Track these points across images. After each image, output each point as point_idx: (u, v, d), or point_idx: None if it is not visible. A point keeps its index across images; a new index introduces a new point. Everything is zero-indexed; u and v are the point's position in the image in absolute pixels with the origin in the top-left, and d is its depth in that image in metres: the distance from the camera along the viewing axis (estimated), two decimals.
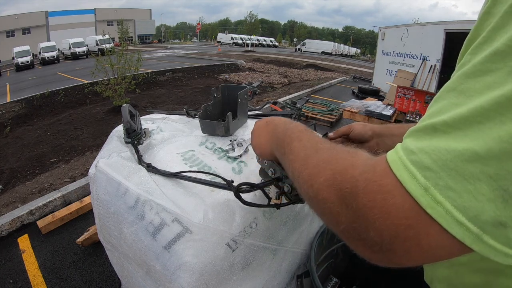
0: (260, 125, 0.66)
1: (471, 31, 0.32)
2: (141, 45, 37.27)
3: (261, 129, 0.65)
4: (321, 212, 0.36)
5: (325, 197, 0.33)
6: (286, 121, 0.57)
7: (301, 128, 0.50)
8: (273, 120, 0.63)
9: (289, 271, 0.89)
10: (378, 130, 0.74)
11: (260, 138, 0.64)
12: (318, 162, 0.37)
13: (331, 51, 39.48)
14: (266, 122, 0.64)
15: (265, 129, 0.63)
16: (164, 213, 0.74)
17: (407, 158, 0.28)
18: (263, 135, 0.63)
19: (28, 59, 20.15)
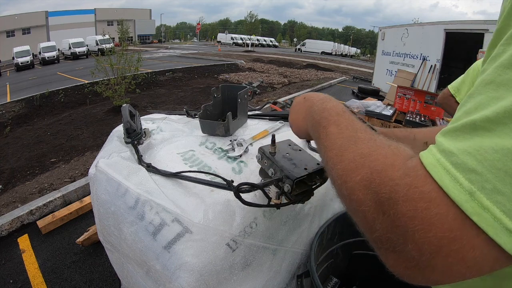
0: (299, 101, 0.60)
1: (500, 21, 0.29)
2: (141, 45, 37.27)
3: (299, 105, 0.59)
4: (354, 213, 0.33)
5: (360, 199, 0.30)
6: (325, 99, 0.51)
7: (340, 109, 0.45)
8: (311, 96, 0.57)
9: (289, 271, 0.89)
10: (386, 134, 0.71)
11: (297, 115, 0.59)
12: (355, 156, 0.34)
13: (331, 51, 39.48)
14: (304, 98, 0.59)
15: (303, 106, 0.57)
16: (164, 213, 0.74)
17: (447, 160, 0.25)
18: (301, 112, 0.58)
19: (28, 59, 20.15)
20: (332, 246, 1.09)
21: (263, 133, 1.12)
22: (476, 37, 4.96)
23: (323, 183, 0.76)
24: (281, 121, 1.24)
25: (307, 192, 0.72)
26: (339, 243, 1.11)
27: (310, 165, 0.73)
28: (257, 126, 1.20)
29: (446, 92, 1.58)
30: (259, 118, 1.30)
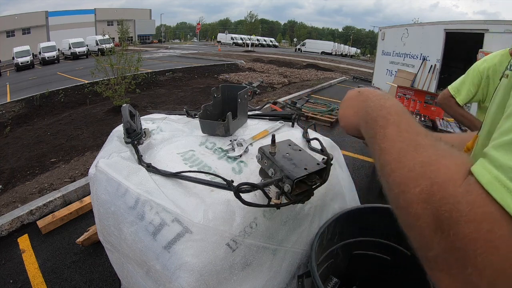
0: (352, 95, 0.56)
1: None
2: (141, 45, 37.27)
3: (352, 99, 0.55)
4: (409, 227, 0.31)
5: (418, 213, 0.28)
6: (382, 95, 0.48)
7: (400, 109, 0.42)
8: (366, 90, 0.53)
9: (289, 271, 0.89)
10: None
11: (349, 109, 0.55)
12: (415, 164, 0.31)
13: (331, 51, 39.48)
14: (359, 92, 0.55)
15: (356, 100, 0.54)
16: (164, 213, 0.74)
17: (506, 176, 0.23)
18: (353, 106, 0.54)
19: (28, 59, 20.15)
20: (332, 246, 1.09)
21: (263, 133, 1.12)
22: (476, 37, 4.96)
23: (323, 183, 0.76)
24: (281, 121, 1.24)
25: (307, 192, 0.72)
26: (339, 243, 1.11)
27: (310, 165, 0.73)
28: (257, 126, 1.20)
29: (446, 93, 1.57)
30: (259, 118, 1.30)
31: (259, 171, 0.80)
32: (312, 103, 6.16)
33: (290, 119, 1.24)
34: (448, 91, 1.56)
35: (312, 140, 1.07)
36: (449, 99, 1.54)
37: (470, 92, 1.47)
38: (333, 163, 0.83)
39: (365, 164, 3.60)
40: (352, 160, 3.62)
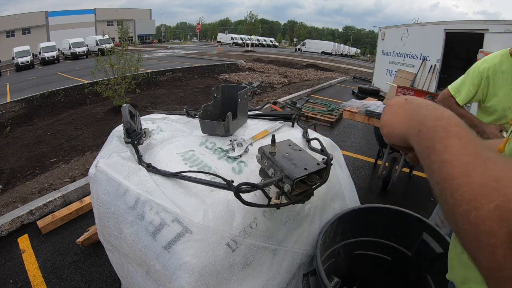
0: (398, 102, 0.54)
1: None
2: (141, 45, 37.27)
3: (399, 106, 0.53)
4: (478, 245, 0.29)
5: (492, 230, 0.27)
6: (435, 106, 0.46)
7: (459, 121, 0.40)
8: (415, 99, 0.51)
9: (289, 271, 0.89)
10: None
11: (395, 116, 0.52)
12: (488, 179, 0.30)
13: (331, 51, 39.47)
14: (406, 100, 0.53)
15: (404, 107, 0.51)
16: (164, 213, 0.74)
17: None
18: (400, 113, 0.51)
19: (28, 59, 20.14)
20: (334, 246, 1.09)
21: (263, 133, 1.12)
22: (476, 37, 4.96)
23: (323, 183, 0.76)
24: (281, 121, 1.24)
25: (307, 192, 0.72)
26: (341, 242, 1.11)
27: (310, 165, 0.73)
28: (257, 126, 1.20)
29: (446, 93, 1.57)
30: (259, 118, 1.30)
31: (259, 171, 0.80)
32: (312, 103, 6.16)
33: (290, 119, 1.24)
34: (448, 91, 1.56)
35: (312, 140, 1.07)
36: (449, 99, 1.54)
37: (470, 92, 1.47)
38: (333, 163, 0.83)
39: (365, 164, 3.60)
40: (352, 160, 3.62)
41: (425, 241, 1.06)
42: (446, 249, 1.00)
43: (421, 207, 2.67)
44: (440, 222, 1.93)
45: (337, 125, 5.17)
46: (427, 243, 1.05)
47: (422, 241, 1.07)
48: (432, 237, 1.05)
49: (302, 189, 0.70)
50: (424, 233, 1.07)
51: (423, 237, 1.07)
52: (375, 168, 3.42)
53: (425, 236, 1.06)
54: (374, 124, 2.76)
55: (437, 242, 1.03)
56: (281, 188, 0.69)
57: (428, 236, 1.06)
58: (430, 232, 1.06)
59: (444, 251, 1.00)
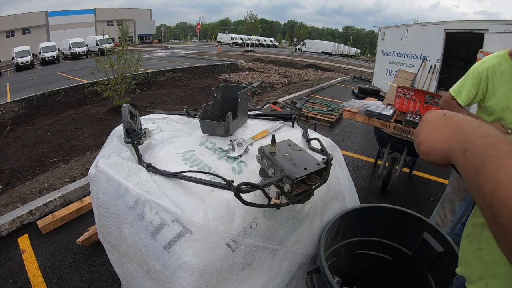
0: (437, 118, 0.52)
1: None
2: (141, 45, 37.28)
3: (438, 123, 0.51)
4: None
5: None
6: (479, 123, 0.44)
7: (506, 138, 0.39)
8: (454, 114, 0.50)
9: (289, 271, 0.89)
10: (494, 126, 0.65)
11: (436, 134, 0.50)
12: None
13: (331, 51, 39.45)
14: (445, 116, 0.51)
15: (444, 124, 0.50)
16: (164, 213, 0.74)
17: None
18: (441, 131, 0.49)
19: (28, 59, 20.14)
20: (335, 245, 1.09)
21: (263, 133, 1.12)
22: (476, 37, 4.96)
23: (323, 183, 0.76)
24: (281, 121, 1.24)
25: (307, 192, 0.72)
26: (342, 242, 1.11)
27: (310, 165, 0.73)
28: (257, 126, 1.20)
29: (447, 96, 1.59)
30: (259, 118, 1.30)
31: (259, 171, 0.80)
32: (312, 103, 6.16)
33: (290, 119, 1.24)
34: (449, 94, 1.57)
35: (312, 140, 1.07)
36: (451, 102, 1.55)
37: (471, 92, 1.48)
38: (333, 163, 0.83)
39: (365, 164, 3.60)
40: (352, 160, 3.62)
41: (426, 241, 1.06)
42: (446, 248, 1.00)
43: (421, 207, 2.67)
44: (440, 221, 1.93)
45: (337, 125, 5.17)
46: (428, 242, 1.05)
47: (423, 240, 1.07)
48: (433, 236, 1.05)
49: (302, 189, 0.70)
50: (424, 232, 1.07)
51: (424, 237, 1.07)
52: (375, 168, 3.42)
53: (426, 235, 1.06)
54: (374, 124, 2.76)
55: (437, 241, 1.03)
56: (281, 188, 0.69)
57: (428, 235, 1.06)
58: (431, 232, 1.06)
59: (444, 250, 1.00)
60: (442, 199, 1.95)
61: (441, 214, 1.94)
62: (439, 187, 3.02)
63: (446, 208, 1.90)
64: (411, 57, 6.94)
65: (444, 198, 1.92)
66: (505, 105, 1.38)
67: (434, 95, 2.90)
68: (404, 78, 6.71)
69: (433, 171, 3.35)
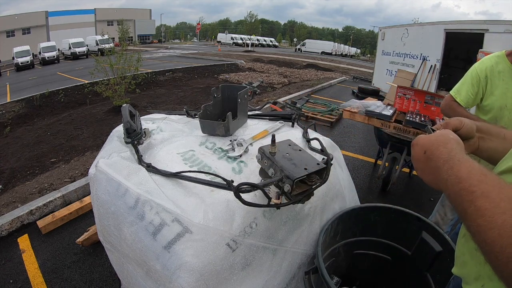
0: (420, 158, 0.52)
1: None
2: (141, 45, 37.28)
3: (423, 164, 0.52)
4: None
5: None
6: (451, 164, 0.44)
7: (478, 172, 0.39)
8: (432, 154, 0.49)
9: (289, 271, 0.89)
10: (479, 125, 0.65)
11: (426, 175, 0.52)
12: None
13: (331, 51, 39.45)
14: (425, 154, 0.51)
15: (428, 166, 0.50)
16: (164, 213, 0.74)
17: None
18: (428, 172, 0.51)
19: (28, 59, 20.14)
20: (334, 245, 1.09)
21: (263, 133, 1.12)
22: (476, 37, 4.96)
23: (323, 183, 0.76)
24: (281, 121, 1.24)
25: (307, 192, 0.72)
26: (341, 241, 1.11)
27: (310, 165, 0.73)
28: (257, 126, 1.20)
29: (448, 98, 1.61)
30: (259, 118, 1.30)
31: (259, 171, 0.80)
32: (312, 103, 6.16)
33: (290, 119, 1.25)
34: (450, 95, 1.59)
35: (312, 140, 1.07)
36: (452, 103, 1.58)
37: (470, 92, 1.50)
38: (333, 163, 0.83)
39: (365, 164, 3.60)
40: (352, 160, 3.62)
41: (425, 240, 1.06)
42: (445, 247, 1.00)
43: (421, 207, 2.67)
44: (440, 220, 1.93)
45: (337, 125, 5.17)
46: (427, 242, 1.05)
47: (422, 240, 1.07)
48: (432, 236, 1.05)
49: (302, 189, 0.70)
50: (423, 232, 1.07)
51: (423, 236, 1.07)
52: (375, 168, 3.42)
53: (425, 235, 1.07)
54: (374, 124, 2.76)
55: (436, 241, 1.03)
56: (281, 188, 0.69)
57: (427, 235, 1.06)
58: (430, 231, 1.06)
59: (443, 250, 1.00)
60: (442, 197, 1.95)
61: (441, 212, 1.94)
62: None
63: (446, 206, 1.90)
64: (411, 57, 6.94)
65: (444, 196, 1.92)
66: (502, 104, 1.41)
67: (434, 95, 2.90)
68: (404, 78, 6.71)
69: None
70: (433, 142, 0.51)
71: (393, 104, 3.11)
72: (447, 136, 0.51)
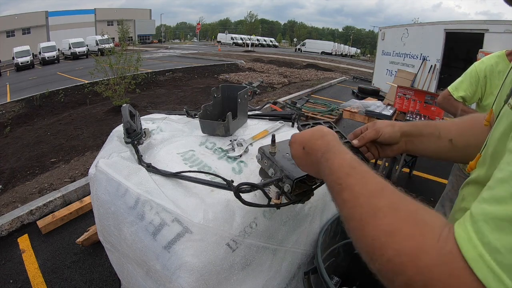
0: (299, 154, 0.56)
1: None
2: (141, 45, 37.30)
3: (302, 160, 0.55)
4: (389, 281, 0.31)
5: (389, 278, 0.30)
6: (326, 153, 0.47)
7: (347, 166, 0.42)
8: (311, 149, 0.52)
9: (289, 271, 0.89)
10: (407, 130, 0.67)
11: (307, 169, 0.56)
12: (378, 234, 0.32)
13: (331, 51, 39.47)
14: (304, 150, 0.54)
15: (307, 160, 0.54)
16: (164, 213, 0.74)
17: (492, 257, 0.23)
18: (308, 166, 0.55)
19: (28, 59, 20.15)
20: (334, 245, 1.09)
21: (263, 133, 1.12)
22: (476, 37, 4.96)
23: (323, 183, 0.76)
24: (281, 121, 1.24)
25: (307, 192, 0.72)
26: (341, 241, 1.11)
27: None
28: (257, 126, 1.20)
29: (445, 93, 1.63)
30: (259, 118, 1.30)
31: (259, 171, 0.80)
32: (312, 103, 6.16)
33: (290, 119, 1.24)
34: (447, 90, 1.60)
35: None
36: (449, 98, 1.59)
37: (468, 90, 1.52)
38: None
39: None
40: None
41: None
42: None
43: None
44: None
45: (337, 125, 5.17)
46: None
47: None
48: None
49: (302, 189, 0.70)
50: None
51: None
52: (375, 168, 3.42)
53: None
54: None
55: None
56: (281, 188, 0.69)
57: None
58: None
59: None
60: (441, 197, 1.95)
61: (441, 212, 1.94)
62: (439, 187, 3.03)
63: (446, 206, 1.90)
64: (411, 57, 6.94)
65: (443, 196, 1.92)
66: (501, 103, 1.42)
67: (434, 95, 2.90)
68: (404, 78, 6.72)
69: (433, 171, 3.35)
70: (310, 137, 0.53)
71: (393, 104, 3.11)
72: (322, 130, 0.53)
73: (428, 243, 0.28)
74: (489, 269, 0.23)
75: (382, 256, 0.30)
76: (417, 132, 0.66)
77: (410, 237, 0.29)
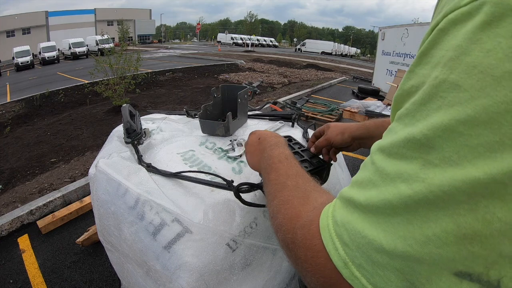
0: (253, 142, 0.65)
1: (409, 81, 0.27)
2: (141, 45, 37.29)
3: (254, 147, 0.64)
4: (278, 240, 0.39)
5: (278, 237, 0.38)
6: (274, 145, 0.56)
7: (283, 156, 0.51)
8: (264, 139, 0.62)
9: (289, 271, 0.89)
10: (357, 135, 0.73)
11: (253, 157, 0.64)
12: (278, 203, 0.40)
13: (331, 51, 39.48)
14: (259, 139, 0.64)
15: (257, 148, 0.63)
16: (164, 213, 0.74)
17: (333, 228, 0.29)
18: (256, 154, 0.63)
19: (28, 59, 20.17)
20: None
21: None
22: None
23: (323, 183, 0.76)
24: (281, 121, 1.24)
25: None
26: None
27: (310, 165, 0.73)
28: (257, 126, 1.20)
29: None
30: (259, 118, 1.30)
31: None
32: (312, 103, 6.16)
33: (290, 119, 1.24)
34: None
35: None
36: None
37: None
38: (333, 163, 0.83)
39: None
40: (352, 160, 3.62)
41: None
42: None
43: None
44: None
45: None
46: None
47: None
48: None
49: None
50: None
51: None
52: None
53: None
54: None
55: None
56: None
57: None
58: None
59: None
60: None
61: None
62: None
63: None
64: (411, 57, 6.93)
65: None
66: None
67: None
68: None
69: None
70: (267, 133, 0.64)
71: None
72: (276, 133, 0.66)
73: (303, 211, 0.36)
74: (330, 237, 0.29)
75: (275, 220, 0.39)
76: (368, 135, 0.73)
77: (296, 205, 0.38)
